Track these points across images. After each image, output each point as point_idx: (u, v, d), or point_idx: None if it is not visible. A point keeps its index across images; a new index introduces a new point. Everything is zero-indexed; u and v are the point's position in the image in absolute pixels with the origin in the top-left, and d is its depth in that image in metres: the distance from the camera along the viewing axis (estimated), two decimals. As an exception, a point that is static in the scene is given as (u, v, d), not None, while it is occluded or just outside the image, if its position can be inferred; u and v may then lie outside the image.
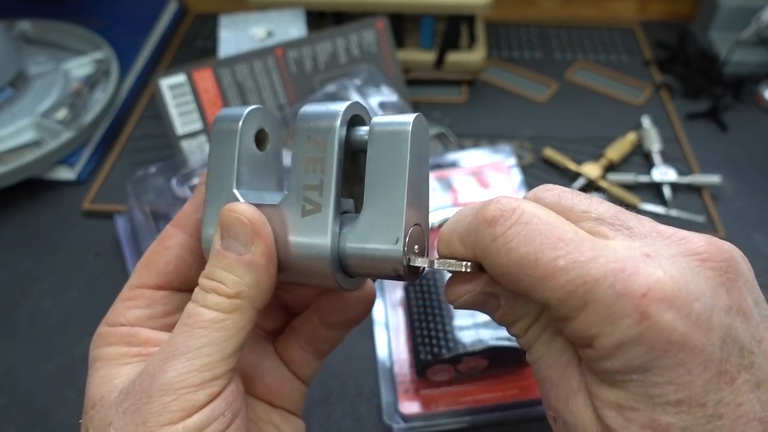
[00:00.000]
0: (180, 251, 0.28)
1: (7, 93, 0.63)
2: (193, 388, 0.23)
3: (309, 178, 0.25)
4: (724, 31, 0.73)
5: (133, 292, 0.27)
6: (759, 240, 0.54)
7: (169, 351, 0.24)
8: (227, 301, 0.24)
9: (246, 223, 0.25)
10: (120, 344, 0.26)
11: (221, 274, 0.25)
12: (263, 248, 0.25)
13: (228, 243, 0.25)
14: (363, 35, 0.62)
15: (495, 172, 0.56)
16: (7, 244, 0.55)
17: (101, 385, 0.25)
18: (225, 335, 0.24)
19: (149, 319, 0.27)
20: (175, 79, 0.57)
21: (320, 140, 0.25)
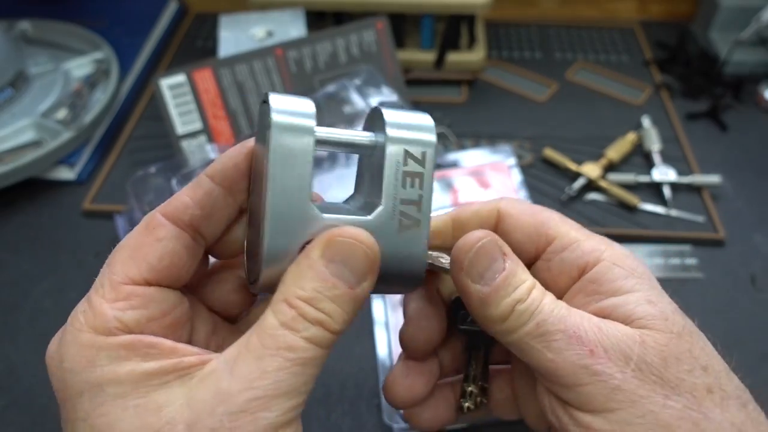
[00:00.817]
0: (175, 245, 0.24)
1: (7, 93, 0.63)
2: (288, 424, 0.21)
3: (407, 193, 0.24)
4: (724, 31, 0.73)
5: (122, 290, 0.22)
6: (759, 240, 0.54)
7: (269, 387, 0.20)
8: (331, 337, 0.22)
9: (370, 255, 0.22)
10: (136, 358, 0.21)
11: (330, 307, 0.22)
12: (371, 285, 0.23)
13: (339, 270, 0.22)
14: (363, 35, 0.62)
15: (495, 172, 0.56)
16: (8, 244, 0.55)
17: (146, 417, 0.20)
18: (319, 371, 0.22)
19: (149, 321, 0.22)
20: (175, 79, 0.57)
21: (420, 155, 0.25)
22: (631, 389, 0.22)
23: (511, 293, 0.24)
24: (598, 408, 0.23)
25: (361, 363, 0.45)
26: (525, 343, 0.24)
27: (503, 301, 0.24)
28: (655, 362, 0.23)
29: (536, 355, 0.24)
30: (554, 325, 0.24)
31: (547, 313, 0.24)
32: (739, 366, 0.26)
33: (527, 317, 0.24)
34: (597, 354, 0.23)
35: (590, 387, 0.23)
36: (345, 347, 0.46)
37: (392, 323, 0.46)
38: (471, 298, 0.25)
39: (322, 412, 0.42)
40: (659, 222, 0.55)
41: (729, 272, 0.51)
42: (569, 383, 0.23)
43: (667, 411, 0.22)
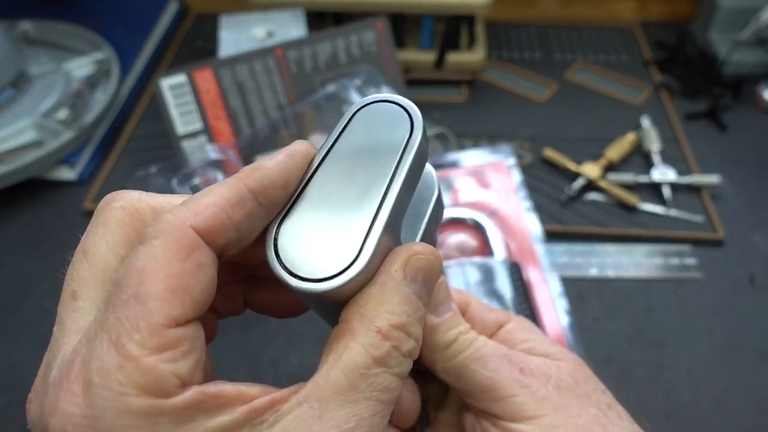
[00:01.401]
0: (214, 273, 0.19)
1: (7, 93, 0.63)
2: None
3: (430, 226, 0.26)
4: (723, 32, 0.73)
5: (167, 335, 0.17)
6: (758, 240, 0.54)
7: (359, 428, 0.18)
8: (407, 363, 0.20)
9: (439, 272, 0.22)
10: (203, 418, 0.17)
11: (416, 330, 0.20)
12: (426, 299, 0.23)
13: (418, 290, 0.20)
14: (363, 35, 0.62)
15: (495, 172, 0.56)
16: (8, 244, 0.55)
17: None
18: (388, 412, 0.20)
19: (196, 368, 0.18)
20: (176, 79, 0.57)
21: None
22: (554, 399, 0.27)
23: (456, 326, 0.28)
24: (529, 415, 0.26)
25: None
26: (464, 366, 0.27)
27: (450, 331, 0.28)
28: (569, 382, 0.28)
29: (474, 375, 0.27)
30: (491, 349, 0.28)
31: (484, 342, 0.28)
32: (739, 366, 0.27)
33: (467, 344, 0.28)
34: (525, 372, 0.27)
35: (522, 397, 0.26)
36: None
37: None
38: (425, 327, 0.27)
39: (322, 411, 0.42)
40: (659, 222, 0.55)
41: (728, 272, 0.52)
42: (503, 395, 0.27)
43: (583, 417, 0.26)
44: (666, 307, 0.49)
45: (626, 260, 0.52)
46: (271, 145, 0.57)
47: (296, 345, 0.46)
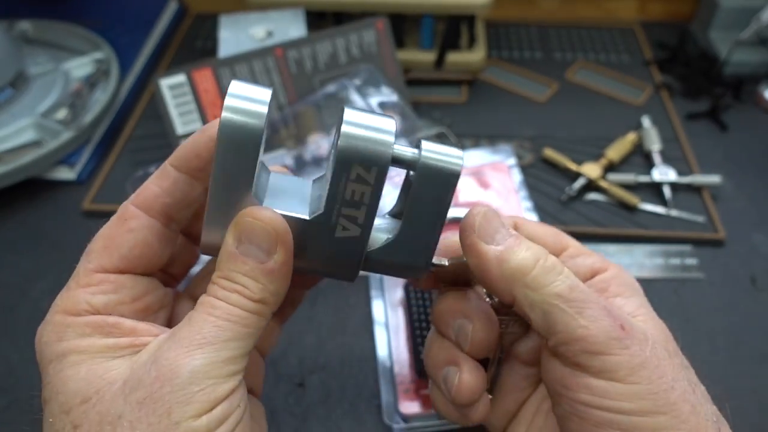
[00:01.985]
0: (146, 235, 0.26)
1: (7, 93, 0.63)
2: (219, 379, 0.22)
3: (350, 204, 0.25)
4: (724, 31, 0.73)
5: (94, 277, 0.25)
6: (759, 240, 0.54)
7: (193, 339, 0.23)
8: (252, 304, 0.24)
9: (270, 232, 0.24)
10: (98, 335, 0.24)
11: (243, 280, 0.24)
12: (285, 258, 0.25)
13: (246, 249, 0.24)
14: (363, 35, 0.62)
15: (495, 172, 0.56)
16: (7, 243, 0.55)
17: (91, 379, 0.23)
18: (249, 332, 0.24)
19: (118, 305, 0.25)
20: (175, 79, 0.57)
21: (371, 172, 0.24)
22: (651, 367, 0.24)
23: (527, 249, 0.26)
24: (619, 378, 0.24)
25: (361, 363, 0.45)
26: (554, 305, 0.25)
27: (521, 254, 0.26)
28: (663, 352, 0.26)
29: (565, 318, 0.25)
30: (586, 294, 0.25)
31: (577, 282, 0.26)
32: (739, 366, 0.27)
33: (555, 276, 0.25)
34: (626, 329, 0.25)
35: (618, 358, 0.24)
36: (345, 347, 0.46)
37: (392, 323, 0.46)
38: (487, 259, 0.26)
39: (322, 412, 0.42)
40: (659, 222, 0.55)
41: (729, 272, 0.51)
42: (597, 350, 0.24)
43: (674, 392, 0.24)
44: (667, 307, 0.49)
45: (627, 260, 0.52)
46: (271, 145, 0.57)
47: (296, 346, 0.46)
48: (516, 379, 0.31)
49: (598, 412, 0.24)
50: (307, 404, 0.43)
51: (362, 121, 0.24)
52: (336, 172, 0.24)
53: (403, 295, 0.47)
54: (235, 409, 0.23)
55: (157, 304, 0.27)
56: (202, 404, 0.22)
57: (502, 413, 0.32)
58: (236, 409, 0.23)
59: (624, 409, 0.24)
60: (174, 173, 0.26)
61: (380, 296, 0.48)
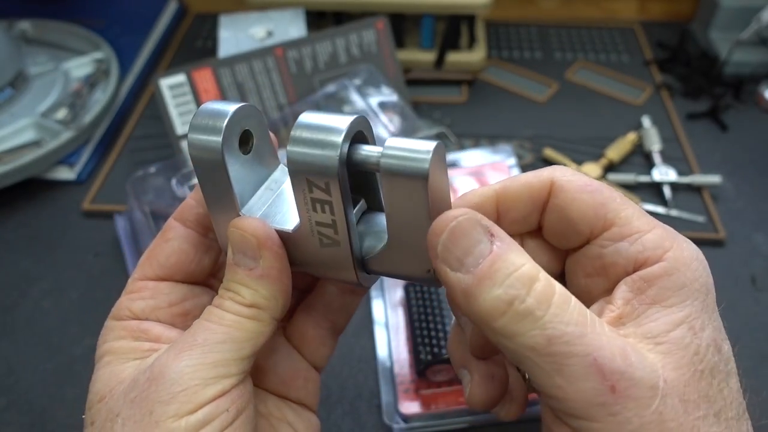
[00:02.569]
0: (181, 243, 0.27)
1: (6, 93, 0.63)
2: (203, 380, 0.23)
3: (320, 217, 0.24)
4: (724, 31, 0.73)
5: (137, 285, 0.27)
6: (759, 240, 0.54)
7: (186, 342, 0.24)
8: (245, 309, 0.25)
9: (251, 239, 0.24)
10: (129, 338, 0.26)
11: (235, 287, 0.25)
12: (271, 261, 0.25)
13: (237, 258, 0.25)
14: (363, 35, 0.62)
15: (495, 172, 0.56)
16: (7, 243, 0.55)
17: (110, 379, 0.24)
18: (243, 336, 0.24)
19: (154, 310, 0.27)
20: (175, 79, 0.57)
21: (322, 184, 0.22)
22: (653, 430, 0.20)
23: (502, 282, 0.20)
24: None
25: (361, 363, 0.45)
26: (526, 358, 0.20)
27: (492, 292, 0.20)
28: (676, 406, 0.20)
29: (540, 375, 0.20)
30: (570, 345, 0.20)
31: (562, 327, 0.20)
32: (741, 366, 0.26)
33: (530, 325, 0.20)
34: (618, 391, 0.20)
35: (602, 425, 0.20)
36: (345, 347, 0.46)
37: (392, 323, 0.46)
38: (454, 291, 0.21)
39: (323, 412, 0.42)
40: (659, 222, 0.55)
41: (729, 272, 0.51)
42: (578, 415, 0.20)
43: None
44: (667, 307, 0.49)
45: (627, 260, 0.52)
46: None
47: (296, 345, 0.46)
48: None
49: None
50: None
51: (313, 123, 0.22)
52: (294, 187, 0.23)
53: (403, 295, 0.47)
54: (221, 413, 0.23)
55: (199, 309, 0.26)
56: (182, 405, 0.22)
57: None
58: (223, 413, 0.23)
59: None
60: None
61: (380, 296, 0.48)
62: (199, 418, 0.22)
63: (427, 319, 0.42)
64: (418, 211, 0.22)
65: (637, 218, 0.24)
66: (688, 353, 0.21)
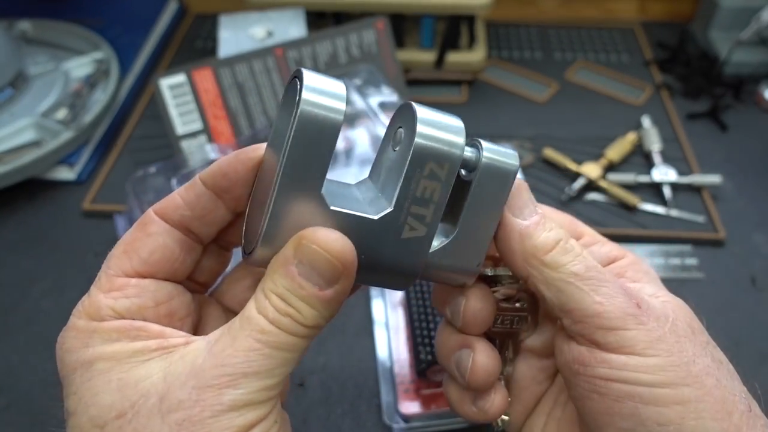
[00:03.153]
0: (166, 240, 0.25)
1: (6, 93, 0.63)
2: (258, 405, 0.22)
3: (420, 201, 0.24)
4: (724, 31, 0.73)
5: (116, 282, 0.24)
6: (759, 240, 0.54)
7: (240, 367, 0.22)
8: (304, 330, 0.23)
9: (338, 266, 0.23)
10: (125, 339, 0.23)
11: (299, 304, 0.23)
12: (346, 287, 0.23)
13: (306, 272, 0.23)
14: (363, 35, 0.62)
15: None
16: (7, 243, 0.55)
17: (125, 392, 0.22)
18: (294, 357, 0.23)
19: (142, 309, 0.24)
20: (175, 79, 0.57)
21: (443, 169, 0.24)
22: (670, 342, 0.24)
23: (550, 229, 0.26)
24: (637, 351, 0.24)
25: (361, 363, 0.45)
26: (569, 283, 0.25)
27: (544, 233, 0.26)
28: (685, 329, 0.26)
29: (580, 295, 0.25)
30: (603, 273, 0.26)
31: (594, 263, 0.26)
32: (739, 366, 0.27)
33: (573, 257, 0.26)
34: (643, 308, 0.25)
35: (635, 332, 0.24)
36: (345, 347, 0.46)
37: (392, 323, 0.46)
38: (511, 231, 0.27)
39: (322, 412, 0.42)
40: (659, 222, 0.55)
41: (729, 272, 0.51)
42: (613, 326, 0.24)
43: (696, 365, 0.24)
44: (667, 307, 0.49)
45: (627, 260, 0.52)
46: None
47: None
48: (532, 373, 0.31)
49: (618, 385, 0.24)
50: (307, 404, 0.43)
51: (435, 118, 0.25)
52: (411, 168, 0.24)
53: (403, 295, 0.47)
54: (272, 427, 0.23)
55: (184, 310, 0.26)
56: (239, 428, 0.21)
57: (521, 410, 0.31)
58: (273, 426, 0.23)
59: (645, 381, 0.24)
60: (200, 187, 0.25)
61: (380, 296, 0.48)
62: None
63: (427, 319, 0.42)
64: (495, 207, 0.26)
65: (596, 234, 0.32)
66: (679, 303, 0.27)
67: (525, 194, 0.27)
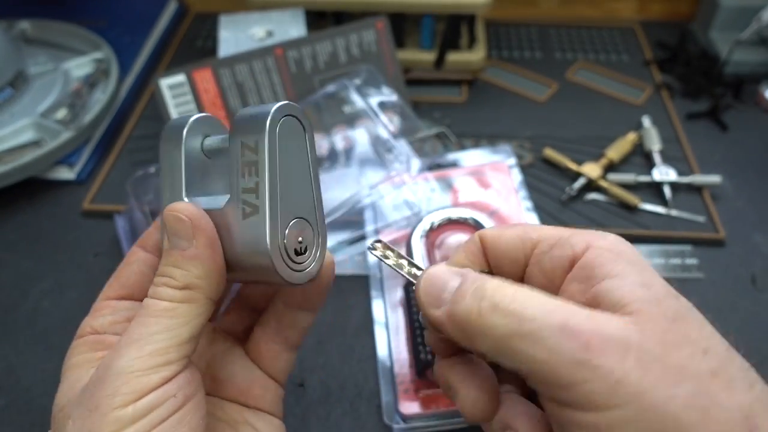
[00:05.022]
0: (140, 266, 0.29)
1: (6, 93, 0.63)
2: (145, 371, 0.24)
3: (246, 182, 0.26)
4: (724, 31, 0.73)
5: (100, 305, 0.29)
6: (759, 240, 0.54)
7: (123, 340, 0.25)
8: (178, 292, 0.25)
9: (184, 219, 0.26)
10: (88, 351, 0.27)
11: (169, 270, 0.26)
12: (204, 240, 0.26)
13: (173, 241, 0.26)
14: (363, 35, 0.62)
15: (495, 172, 0.56)
16: (7, 244, 0.55)
17: (68, 391, 0.26)
18: (177, 322, 0.25)
19: (112, 324, 0.28)
20: (175, 79, 0.57)
21: (252, 144, 0.26)
22: (634, 382, 0.20)
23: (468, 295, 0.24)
24: (602, 406, 0.21)
25: (361, 363, 0.45)
26: (509, 348, 0.22)
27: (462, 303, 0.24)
28: (656, 350, 0.21)
29: (525, 357, 0.22)
30: (539, 320, 0.22)
31: (528, 309, 0.22)
32: None
33: (501, 316, 0.22)
34: (593, 346, 0.21)
35: (590, 384, 0.21)
36: (345, 347, 0.46)
37: (392, 323, 0.46)
38: (441, 323, 0.25)
39: (322, 411, 0.42)
40: (659, 222, 0.55)
41: (729, 272, 0.51)
42: (567, 383, 0.21)
43: (673, 401, 0.20)
44: (667, 307, 0.49)
45: (627, 260, 0.52)
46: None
47: (296, 345, 0.46)
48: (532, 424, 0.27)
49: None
50: (307, 404, 0.43)
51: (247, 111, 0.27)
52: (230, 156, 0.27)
53: (403, 295, 0.47)
54: (169, 398, 0.24)
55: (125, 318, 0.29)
56: (127, 395, 0.23)
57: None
58: (170, 398, 0.24)
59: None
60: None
61: (380, 296, 0.48)
62: (145, 404, 0.23)
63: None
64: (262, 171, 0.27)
65: (550, 230, 0.27)
66: (650, 305, 0.22)
67: (437, 282, 0.26)
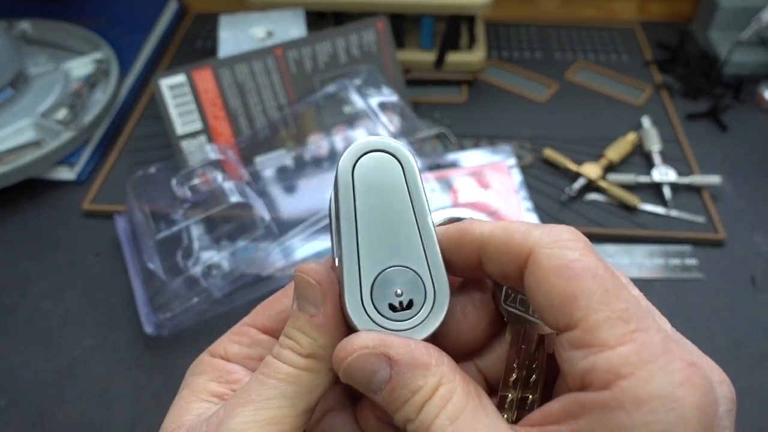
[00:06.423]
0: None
1: (6, 93, 0.63)
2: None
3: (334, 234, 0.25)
4: (724, 32, 0.73)
5: (242, 329, 0.27)
6: (759, 240, 0.54)
7: (240, 397, 0.23)
8: (302, 360, 0.24)
9: (314, 285, 0.24)
10: (209, 375, 0.26)
11: (295, 334, 0.24)
12: (332, 308, 0.24)
13: (301, 304, 0.24)
14: (363, 35, 0.62)
15: (495, 172, 0.56)
16: (7, 244, 0.55)
17: (175, 418, 0.24)
18: (297, 391, 0.23)
19: (246, 358, 0.26)
20: (175, 79, 0.57)
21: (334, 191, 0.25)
22: None
23: (402, 405, 0.21)
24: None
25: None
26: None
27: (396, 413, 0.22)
28: None
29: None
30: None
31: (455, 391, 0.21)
32: (740, 366, 0.26)
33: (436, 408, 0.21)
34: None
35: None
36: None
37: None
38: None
39: (322, 412, 0.42)
40: (659, 222, 0.55)
41: (729, 272, 0.51)
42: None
43: None
44: (667, 307, 0.49)
45: (627, 261, 0.52)
46: (271, 145, 0.57)
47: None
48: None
49: None
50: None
51: None
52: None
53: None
54: None
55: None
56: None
57: None
58: None
59: None
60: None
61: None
62: None
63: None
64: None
65: (609, 327, 0.19)
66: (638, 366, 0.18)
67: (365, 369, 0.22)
